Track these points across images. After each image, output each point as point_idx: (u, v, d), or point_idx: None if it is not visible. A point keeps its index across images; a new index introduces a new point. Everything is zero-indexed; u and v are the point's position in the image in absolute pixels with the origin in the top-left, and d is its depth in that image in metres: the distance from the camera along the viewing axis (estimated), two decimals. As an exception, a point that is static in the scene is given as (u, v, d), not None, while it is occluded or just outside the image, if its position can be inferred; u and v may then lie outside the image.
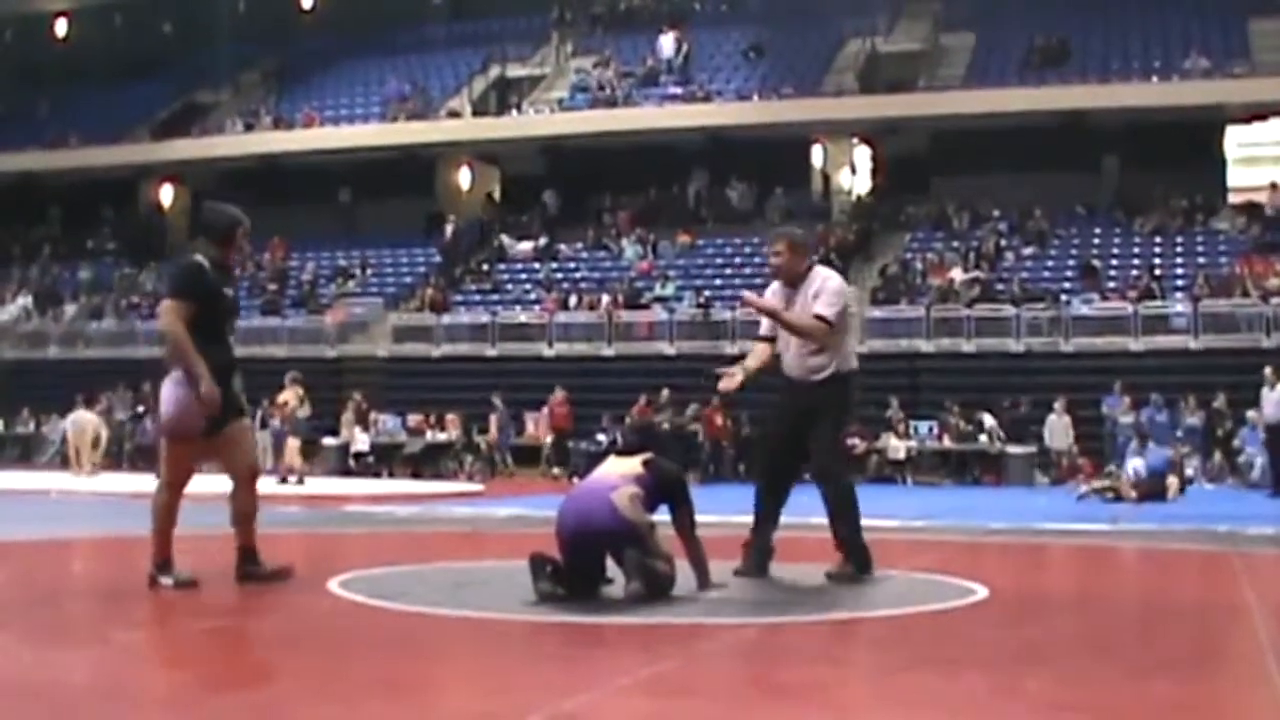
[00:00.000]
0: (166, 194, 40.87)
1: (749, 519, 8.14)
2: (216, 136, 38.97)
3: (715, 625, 6.38)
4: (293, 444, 23.16)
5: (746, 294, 8.32)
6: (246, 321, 33.57)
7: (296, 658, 5.52)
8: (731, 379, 7.95)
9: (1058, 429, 25.46)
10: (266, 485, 21.12)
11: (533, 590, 6.79)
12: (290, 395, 23.40)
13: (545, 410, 28.02)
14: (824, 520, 7.92)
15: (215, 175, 39.89)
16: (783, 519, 8.15)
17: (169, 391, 7.37)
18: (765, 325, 8.19)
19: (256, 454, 7.48)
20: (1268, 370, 21.16)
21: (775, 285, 8.20)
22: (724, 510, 10.78)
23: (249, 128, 38.76)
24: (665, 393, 26.97)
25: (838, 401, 7.99)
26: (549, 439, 27.79)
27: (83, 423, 25.25)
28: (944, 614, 6.88)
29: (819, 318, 7.84)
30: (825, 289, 7.93)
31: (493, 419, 28.22)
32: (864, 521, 8.13)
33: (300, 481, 22.29)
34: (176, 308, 7.29)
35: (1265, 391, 20.91)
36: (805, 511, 8.34)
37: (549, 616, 6.45)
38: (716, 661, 5.55)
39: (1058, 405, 25.43)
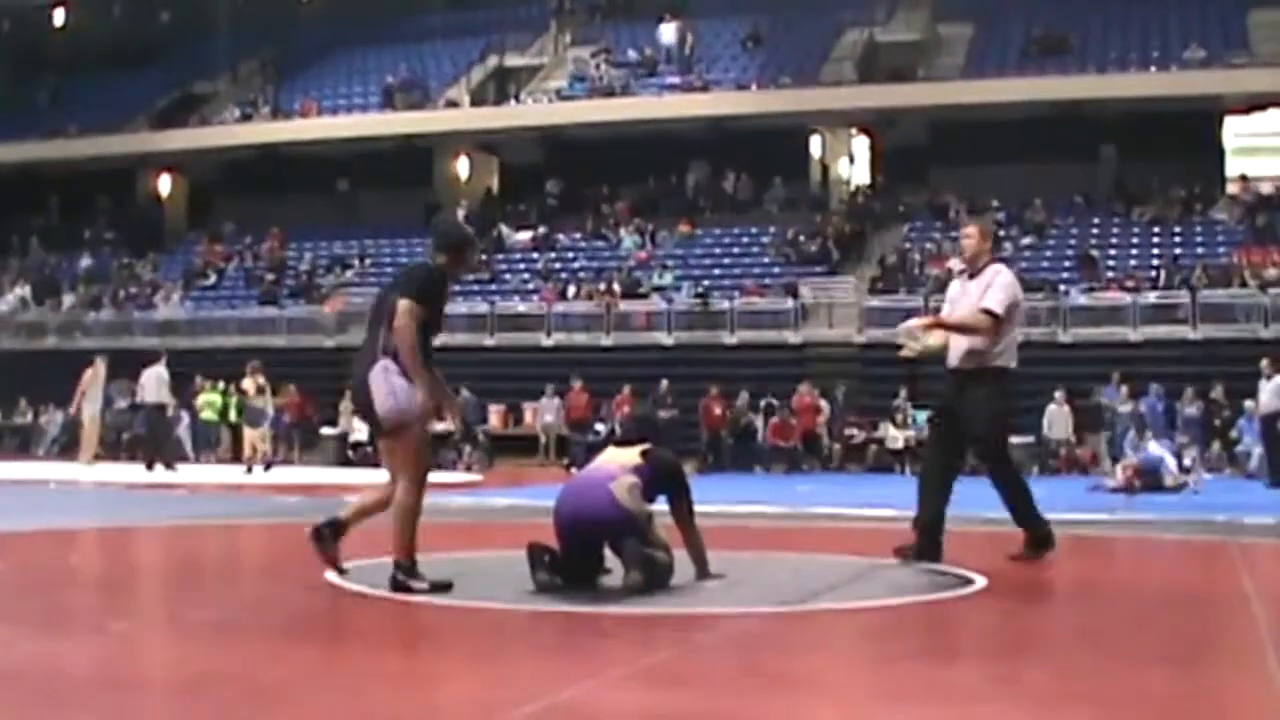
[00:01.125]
0: (164, 184, 40.79)
1: (747, 508, 8.14)
2: (215, 126, 38.93)
3: (713, 615, 6.38)
4: (251, 433, 23.17)
5: (909, 325, 8.64)
6: (243, 312, 33.67)
7: (295, 648, 5.52)
8: (912, 348, 8.50)
9: (1058, 419, 25.40)
10: (238, 474, 21.10)
11: (531, 580, 6.80)
12: (249, 385, 23.35)
13: (553, 400, 27.85)
14: (824, 510, 7.94)
15: (213, 165, 39.86)
16: (787, 509, 8.17)
17: (389, 381, 6.95)
18: (944, 309, 8.71)
19: (428, 458, 7.16)
20: (1265, 361, 21.16)
21: (956, 283, 8.75)
22: (722, 501, 10.77)
23: (247, 117, 38.70)
24: (664, 384, 26.93)
25: (987, 394, 8.35)
26: (566, 430, 27.68)
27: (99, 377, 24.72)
28: (942, 604, 6.89)
29: (986, 311, 8.23)
30: (996, 283, 8.33)
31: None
32: (863, 511, 8.18)
33: (266, 468, 22.29)
34: (414, 310, 6.98)
35: (1262, 382, 20.90)
36: (805, 501, 8.33)
37: (547, 606, 6.45)
38: (714, 652, 5.55)
39: (1058, 395, 25.38)
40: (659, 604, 6.51)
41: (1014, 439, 24.86)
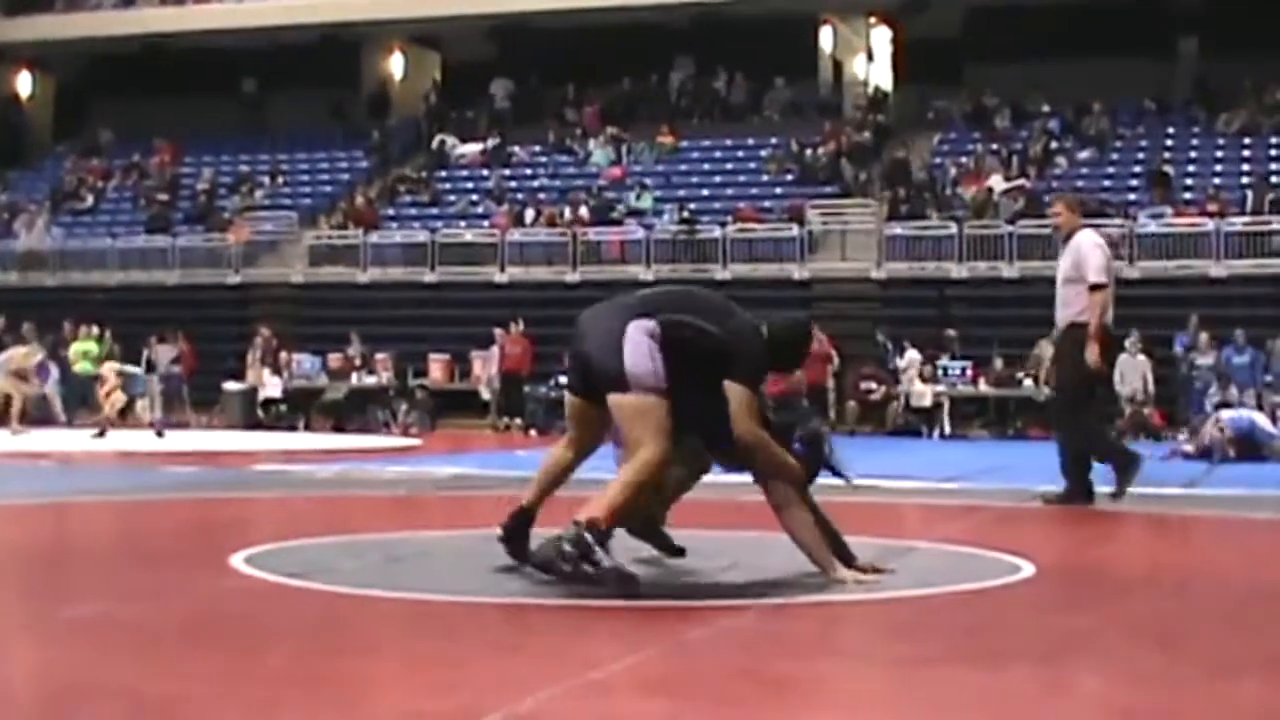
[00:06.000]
0: (24, 83, 40.53)
1: (744, 478, 8.17)
2: (87, 12, 38.60)
3: (705, 608, 6.40)
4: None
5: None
6: (126, 241, 33.52)
7: (191, 652, 5.49)
8: None
9: (1131, 370, 25.36)
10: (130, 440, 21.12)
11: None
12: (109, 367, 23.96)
13: (494, 349, 27.88)
14: (836, 481, 7.96)
15: (86, 60, 39.61)
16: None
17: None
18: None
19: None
20: None
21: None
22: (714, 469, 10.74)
23: (128, 2, 38.40)
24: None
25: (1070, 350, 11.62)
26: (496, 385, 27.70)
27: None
28: (980, 595, 6.91)
29: (1094, 286, 11.72)
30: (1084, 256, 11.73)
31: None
32: (883, 483, 8.24)
33: (159, 434, 22.48)
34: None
35: None
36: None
37: (502, 597, 6.45)
38: (706, 651, 5.55)
39: (1130, 342, 25.38)
40: (643, 593, 6.51)
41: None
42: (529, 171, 34.53)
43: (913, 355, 26.21)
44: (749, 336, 7.00)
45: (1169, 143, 31.52)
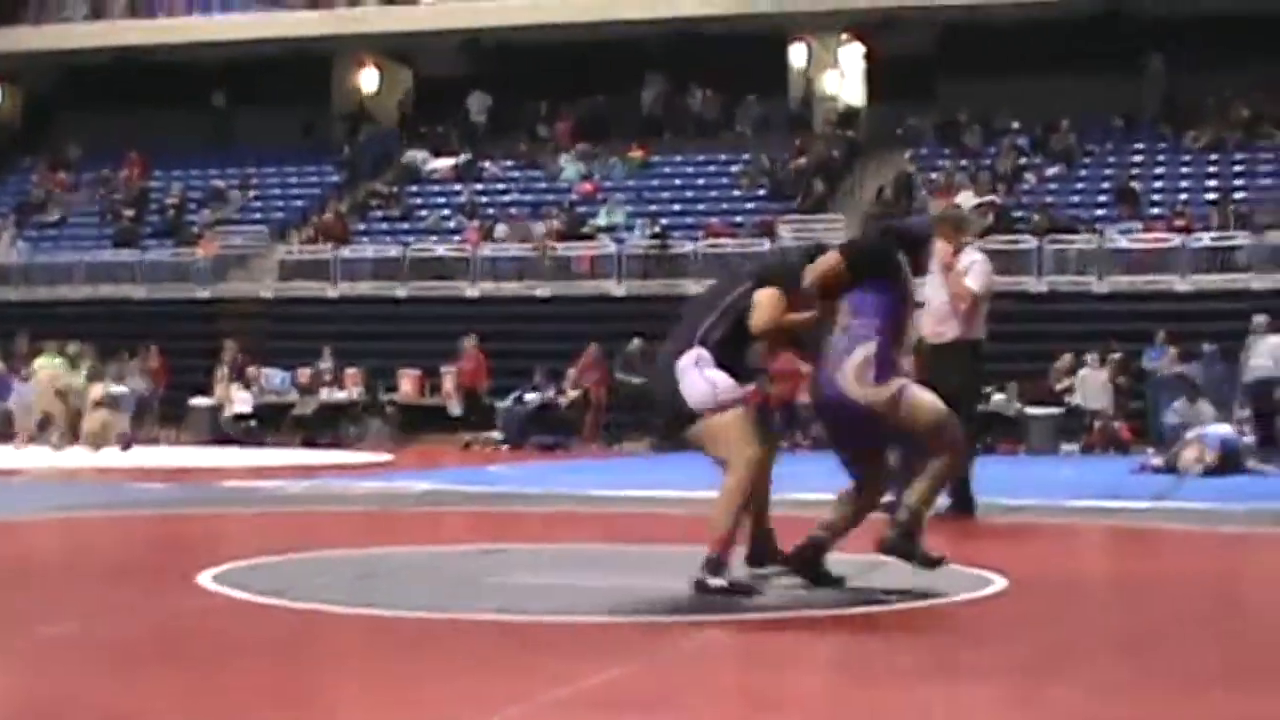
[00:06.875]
0: (-7, 96, 40.44)
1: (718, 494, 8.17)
2: (55, 24, 38.44)
3: (679, 623, 6.39)
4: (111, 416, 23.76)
5: None
6: (93, 255, 33.39)
7: (158, 670, 5.46)
8: None
9: (1093, 385, 25.47)
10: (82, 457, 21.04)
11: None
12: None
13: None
14: (814, 496, 7.98)
15: (54, 73, 39.44)
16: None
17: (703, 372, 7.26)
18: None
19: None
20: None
21: None
22: (688, 485, 10.74)
23: (97, 15, 38.27)
24: (637, 342, 26.48)
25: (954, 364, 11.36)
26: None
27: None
28: (954, 609, 6.92)
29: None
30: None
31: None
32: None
33: (125, 448, 22.59)
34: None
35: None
36: (789, 485, 8.35)
37: (474, 614, 6.43)
38: (678, 667, 5.54)
39: (1091, 357, 25.50)
40: (617, 608, 6.49)
41: (1040, 410, 25.35)
42: (500, 186, 34.48)
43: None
44: (771, 259, 7.46)
45: (1136, 159, 31.60)
